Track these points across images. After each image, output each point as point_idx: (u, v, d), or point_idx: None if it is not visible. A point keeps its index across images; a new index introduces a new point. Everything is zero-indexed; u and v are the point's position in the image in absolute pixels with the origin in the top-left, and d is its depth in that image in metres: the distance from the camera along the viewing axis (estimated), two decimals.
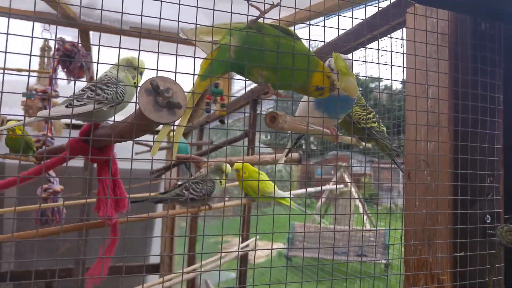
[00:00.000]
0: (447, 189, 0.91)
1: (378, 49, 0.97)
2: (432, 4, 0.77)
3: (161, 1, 0.67)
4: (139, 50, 0.70)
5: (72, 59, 2.45)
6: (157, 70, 0.65)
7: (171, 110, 0.57)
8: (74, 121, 1.04)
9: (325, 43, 1.54)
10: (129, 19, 2.88)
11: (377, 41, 1.59)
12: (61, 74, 2.59)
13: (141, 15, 0.65)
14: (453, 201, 0.91)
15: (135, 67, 1.03)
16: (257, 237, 2.44)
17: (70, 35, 3.03)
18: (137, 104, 0.56)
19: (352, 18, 0.89)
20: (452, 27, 0.90)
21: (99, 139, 0.86)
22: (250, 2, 0.65)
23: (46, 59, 2.65)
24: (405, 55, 0.97)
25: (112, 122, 0.96)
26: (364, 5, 1.05)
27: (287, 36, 0.70)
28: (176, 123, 0.61)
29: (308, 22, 0.80)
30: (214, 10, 0.67)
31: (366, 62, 0.81)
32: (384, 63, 0.81)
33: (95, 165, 1.08)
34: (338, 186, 9.16)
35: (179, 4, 0.68)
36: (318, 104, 0.88)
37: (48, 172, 2.57)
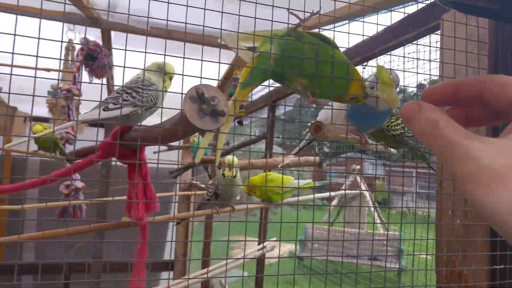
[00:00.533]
0: None
1: (404, 56, 0.97)
2: (472, 12, 0.76)
3: (187, 6, 0.68)
4: (165, 55, 0.71)
5: (95, 59, 2.48)
6: (182, 75, 0.67)
7: (215, 117, 0.58)
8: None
9: (349, 47, 1.54)
10: (151, 20, 2.91)
11: (403, 47, 1.59)
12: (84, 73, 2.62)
13: (167, 20, 0.66)
14: None
15: (165, 72, 1.04)
16: (273, 242, 2.44)
17: (92, 34, 3.06)
18: (182, 111, 0.57)
19: (377, 24, 0.88)
20: (492, 35, 0.89)
21: (132, 143, 0.87)
22: (290, 11, 0.65)
23: (70, 58, 2.70)
24: (440, 62, 0.96)
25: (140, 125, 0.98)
26: (389, 10, 1.04)
27: (326, 44, 0.70)
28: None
29: (331, 26, 0.80)
30: (239, 15, 0.68)
31: (404, 71, 0.81)
32: (423, 73, 0.80)
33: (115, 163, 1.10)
34: (351, 190, 9.10)
35: (204, 9, 0.69)
36: (352, 115, 0.87)
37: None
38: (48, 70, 1.83)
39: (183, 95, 0.57)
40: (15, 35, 0.64)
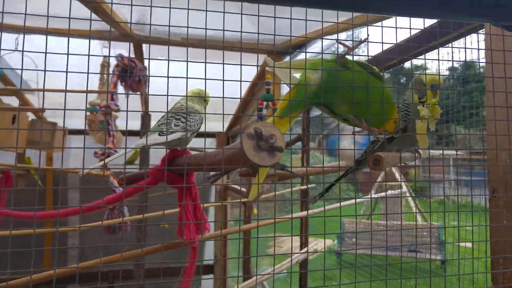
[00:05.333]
0: None
1: (438, 59, 0.95)
2: None
3: (206, 11, 0.71)
4: (187, 61, 0.75)
5: (131, 74, 2.56)
6: (205, 79, 0.70)
7: (272, 153, 0.60)
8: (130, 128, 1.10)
9: (371, 56, 1.52)
10: (181, 31, 2.96)
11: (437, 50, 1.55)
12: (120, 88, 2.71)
13: (187, 27, 0.69)
14: None
15: (204, 99, 1.13)
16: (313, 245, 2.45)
17: (126, 48, 3.15)
18: (242, 146, 0.59)
19: (410, 28, 0.88)
20: None
21: (185, 167, 0.90)
22: (339, 41, 0.66)
23: (105, 74, 2.79)
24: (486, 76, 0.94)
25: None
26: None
27: (372, 74, 0.71)
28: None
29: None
30: (258, 16, 0.70)
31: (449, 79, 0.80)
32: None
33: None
34: (388, 183, 8.95)
35: (224, 12, 0.72)
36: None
37: (112, 182, 2.71)
38: (86, 92, 1.90)
39: (242, 134, 0.59)
40: (46, 52, 0.69)
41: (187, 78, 1.13)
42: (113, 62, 2.68)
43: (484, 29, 1.13)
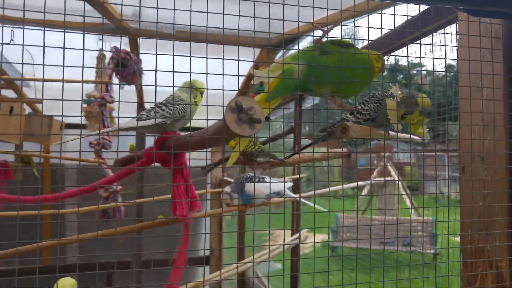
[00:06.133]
0: (504, 183, 0.95)
1: (432, 44, 1.01)
2: (483, 15, 0.81)
3: (207, 12, 0.76)
4: (190, 56, 0.81)
5: (125, 67, 2.61)
6: (206, 74, 0.76)
7: (252, 124, 0.66)
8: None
9: (370, 41, 1.58)
10: (176, 24, 3.00)
11: (426, 37, 1.61)
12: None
13: (190, 25, 0.75)
14: (510, 194, 0.96)
15: (196, 88, 1.19)
16: (305, 232, 2.51)
17: (122, 42, 3.19)
18: (224, 119, 0.65)
19: (394, 15, 0.94)
20: (506, 30, 0.93)
21: (181, 151, 0.96)
22: (314, 24, 0.72)
23: (101, 66, 2.84)
24: (458, 57, 1.00)
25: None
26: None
27: (347, 49, 0.77)
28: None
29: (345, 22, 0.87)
30: (254, 17, 0.75)
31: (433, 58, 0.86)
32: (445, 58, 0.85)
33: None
34: (382, 178, 9.02)
35: (223, 14, 0.77)
36: None
37: (107, 172, 2.76)
38: (81, 81, 1.95)
39: (224, 107, 0.65)
40: (44, 46, 0.75)
41: (190, 73, 1.19)
42: (108, 54, 2.73)
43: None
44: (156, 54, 0.83)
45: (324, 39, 0.78)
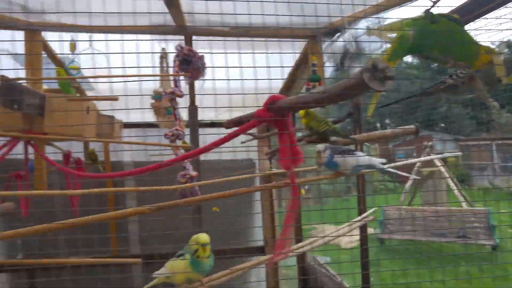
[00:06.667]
0: None
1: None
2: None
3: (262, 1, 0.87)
4: (239, 53, 0.90)
5: (190, 63, 2.77)
6: (254, 67, 0.86)
7: (383, 82, 0.77)
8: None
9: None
10: (231, 21, 3.15)
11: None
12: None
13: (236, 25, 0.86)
14: None
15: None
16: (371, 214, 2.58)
17: (179, 41, 3.37)
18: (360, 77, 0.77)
19: None
20: None
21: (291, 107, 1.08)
22: None
23: (165, 64, 3.03)
24: None
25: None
26: None
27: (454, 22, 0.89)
28: None
29: None
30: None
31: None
32: None
33: None
34: (426, 167, 8.84)
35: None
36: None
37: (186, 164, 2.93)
38: (149, 75, 2.11)
39: (361, 67, 0.77)
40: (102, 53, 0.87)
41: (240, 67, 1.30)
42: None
43: None
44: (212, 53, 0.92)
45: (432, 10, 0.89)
